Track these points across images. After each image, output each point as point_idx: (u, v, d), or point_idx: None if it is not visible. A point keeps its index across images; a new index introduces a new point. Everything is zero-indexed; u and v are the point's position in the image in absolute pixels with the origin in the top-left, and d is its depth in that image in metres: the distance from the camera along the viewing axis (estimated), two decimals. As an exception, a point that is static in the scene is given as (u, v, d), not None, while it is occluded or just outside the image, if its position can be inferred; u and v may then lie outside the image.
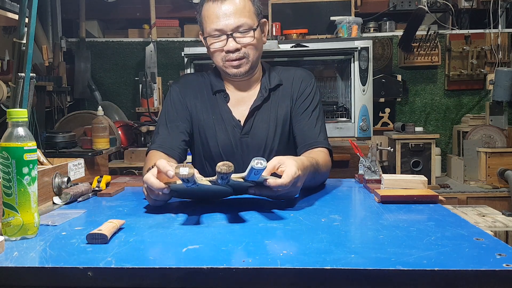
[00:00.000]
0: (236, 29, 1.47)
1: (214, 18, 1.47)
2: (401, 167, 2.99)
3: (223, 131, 1.57)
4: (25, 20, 1.61)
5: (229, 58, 1.50)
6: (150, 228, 0.98)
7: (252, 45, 1.50)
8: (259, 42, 1.54)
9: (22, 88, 1.53)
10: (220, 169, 0.98)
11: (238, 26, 1.47)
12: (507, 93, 3.13)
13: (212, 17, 1.48)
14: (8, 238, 0.90)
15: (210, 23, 1.49)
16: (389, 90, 3.38)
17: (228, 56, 1.50)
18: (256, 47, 1.52)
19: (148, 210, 1.15)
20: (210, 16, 1.48)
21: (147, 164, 1.46)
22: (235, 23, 1.47)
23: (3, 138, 0.91)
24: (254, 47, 1.51)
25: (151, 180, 1.09)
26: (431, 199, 1.19)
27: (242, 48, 1.49)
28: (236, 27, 1.47)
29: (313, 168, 1.32)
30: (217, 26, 1.47)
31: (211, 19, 1.48)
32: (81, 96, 3.54)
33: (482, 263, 0.73)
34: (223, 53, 1.51)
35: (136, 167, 2.89)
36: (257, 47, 1.53)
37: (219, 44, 1.50)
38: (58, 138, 2.00)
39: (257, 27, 1.51)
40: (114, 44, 3.68)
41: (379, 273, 0.72)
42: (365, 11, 3.51)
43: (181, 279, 0.73)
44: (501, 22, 3.44)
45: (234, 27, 1.47)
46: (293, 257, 0.78)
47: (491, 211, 2.49)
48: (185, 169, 0.96)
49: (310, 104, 1.59)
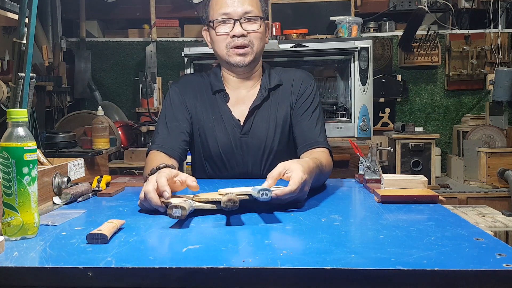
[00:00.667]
0: (244, 15, 1.50)
1: (223, 3, 1.50)
2: (401, 167, 2.99)
3: (222, 131, 1.57)
4: (25, 20, 1.61)
5: (234, 44, 1.51)
6: (150, 228, 0.98)
7: (258, 34, 1.52)
8: (264, 35, 1.56)
9: (22, 88, 1.53)
10: (225, 205, 0.97)
11: (246, 12, 1.49)
12: (507, 93, 3.13)
13: (220, 3, 1.51)
14: (8, 238, 0.90)
15: (219, 8, 1.51)
16: (389, 90, 3.37)
17: (233, 42, 1.51)
18: (261, 37, 1.54)
19: (148, 210, 1.15)
20: (219, 2, 1.51)
21: (147, 165, 1.46)
22: (243, 9, 1.49)
23: (3, 138, 0.91)
24: (259, 36, 1.53)
25: (151, 195, 1.09)
26: (431, 199, 1.19)
27: (248, 35, 1.50)
28: (244, 13, 1.49)
29: (318, 169, 1.30)
30: (225, 10, 1.49)
31: (219, 4, 1.51)
32: (81, 96, 3.54)
33: (482, 263, 0.73)
34: (228, 39, 1.51)
35: (136, 167, 2.89)
36: (262, 38, 1.55)
37: (225, 29, 1.51)
38: (58, 138, 2.00)
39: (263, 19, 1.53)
40: (114, 44, 3.68)
41: (379, 273, 0.72)
42: (365, 11, 3.51)
43: (181, 279, 0.73)
44: (501, 22, 3.44)
45: (242, 13, 1.49)
46: (293, 257, 0.78)
47: (491, 211, 2.49)
48: (177, 211, 0.96)
49: (310, 105, 1.59)
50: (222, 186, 1.43)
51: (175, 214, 0.96)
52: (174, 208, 0.97)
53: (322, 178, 1.41)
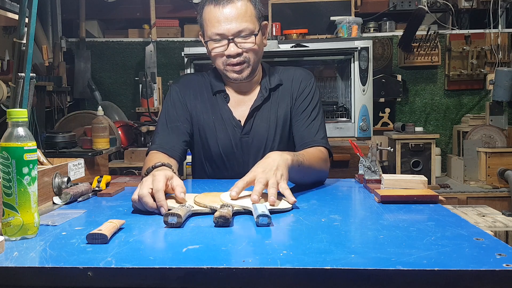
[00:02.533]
0: (238, 34, 1.46)
1: (215, 22, 1.46)
2: (401, 167, 2.99)
3: (223, 131, 1.57)
4: (25, 20, 1.61)
5: (230, 63, 1.50)
6: (150, 228, 0.98)
7: (253, 50, 1.50)
8: (260, 46, 1.53)
9: (22, 88, 1.53)
10: (217, 221, 0.97)
11: (239, 31, 1.46)
12: (507, 93, 3.13)
13: (213, 21, 1.47)
14: (8, 238, 0.90)
15: (212, 27, 1.47)
16: (389, 90, 3.37)
17: (229, 60, 1.49)
18: (257, 52, 1.52)
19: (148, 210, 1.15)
20: (212, 20, 1.47)
21: (146, 164, 1.46)
22: (237, 28, 1.46)
23: (3, 138, 0.91)
24: (254, 52, 1.51)
25: (146, 199, 1.09)
26: (431, 199, 1.19)
27: (243, 53, 1.48)
28: (238, 31, 1.46)
29: (294, 156, 1.32)
30: (218, 30, 1.46)
31: (212, 23, 1.47)
32: (81, 96, 3.54)
33: (482, 263, 0.73)
34: (224, 57, 1.50)
35: (136, 167, 2.89)
36: (258, 51, 1.52)
37: (220, 48, 1.49)
38: (58, 138, 2.00)
39: (258, 31, 1.50)
40: (114, 44, 3.68)
41: (379, 273, 0.72)
42: (365, 11, 3.52)
43: (181, 279, 0.73)
44: (501, 22, 3.44)
45: (236, 32, 1.46)
46: (293, 257, 0.78)
47: (491, 211, 2.49)
48: (173, 218, 0.97)
49: (310, 104, 1.59)
50: (222, 186, 1.43)
51: (171, 221, 0.97)
52: (170, 215, 0.97)
53: (308, 170, 1.40)
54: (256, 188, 1.13)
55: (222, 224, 0.97)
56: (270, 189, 1.15)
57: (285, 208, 1.12)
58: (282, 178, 1.19)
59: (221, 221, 0.97)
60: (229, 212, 1.00)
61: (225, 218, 0.97)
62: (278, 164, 1.22)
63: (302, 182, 1.43)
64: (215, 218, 0.98)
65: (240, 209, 1.08)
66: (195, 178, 1.70)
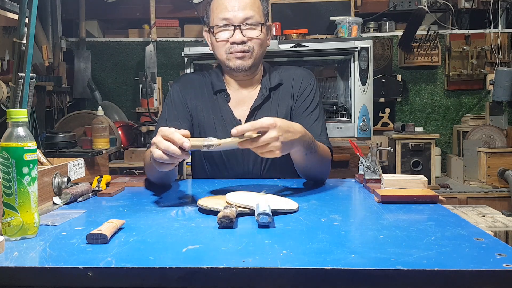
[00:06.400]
0: (244, 21, 1.48)
1: (223, 8, 1.49)
2: (401, 167, 2.99)
3: (223, 131, 1.57)
4: (25, 20, 1.60)
5: (233, 50, 1.50)
6: (150, 228, 0.98)
7: (259, 40, 1.51)
8: (264, 40, 1.55)
9: (22, 88, 1.53)
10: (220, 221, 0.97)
11: (246, 18, 1.48)
12: (507, 93, 3.12)
13: (221, 7, 1.49)
14: (8, 238, 0.90)
15: (219, 12, 1.49)
16: (389, 90, 3.37)
17: (233, 47, 1.50)
18: (261, 43, 1.53)
19: (148, 210, 1.15)
20: (220, 6, 1.50)
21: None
22: (244, 15, 1.48)
23: (3, 138, 0.91)
24: (260, 42, 1.52)
25: (165, 143, 1.09)
26: (431, 199, 1.19)
27: (248, 41, 1.50)
28: (245, 18, 1.48)
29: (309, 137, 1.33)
30: (225, 15, 1.48)
31: (220, 9, 1.49)
32: (81, 96, 3.54)
33: (482, 263, 0.73)
34: (227, 44, 1.51)
35: (136, 167, 2.89)
36: (262, 44, 1.53)
37: (225, 34, 1.50)
38: (58, 138, 2.00)
39: (264, 25, 1.52)
40: (114, 44, 3.68)
41: (379, 273, 0.72)
42: (365, 11, 3.51)
43: (181, 279, 0.73)
44: (501, 22, 3.44)
45: (243, 19, 1.48)
46: (293, 257, 0.78)
47: (491, 211, 2.49)
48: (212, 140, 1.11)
49: (311, 104, 1.59)
50: (222, 186, 1.43)
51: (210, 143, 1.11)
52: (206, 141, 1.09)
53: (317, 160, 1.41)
54: (264, 138, 1.17)
55: (226, 225, 0.97)
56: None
57: (290, 210, 1.11)
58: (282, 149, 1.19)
59: (224, 222, 0.97)
60: (232, 213, 0.99)
61: (229, 218, 0.97)
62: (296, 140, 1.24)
63: (306, 170, 1.43)
64: (218, 218, 0.97)
65: (245, 210, 1.07)
66: (195, 178, 1.70)
